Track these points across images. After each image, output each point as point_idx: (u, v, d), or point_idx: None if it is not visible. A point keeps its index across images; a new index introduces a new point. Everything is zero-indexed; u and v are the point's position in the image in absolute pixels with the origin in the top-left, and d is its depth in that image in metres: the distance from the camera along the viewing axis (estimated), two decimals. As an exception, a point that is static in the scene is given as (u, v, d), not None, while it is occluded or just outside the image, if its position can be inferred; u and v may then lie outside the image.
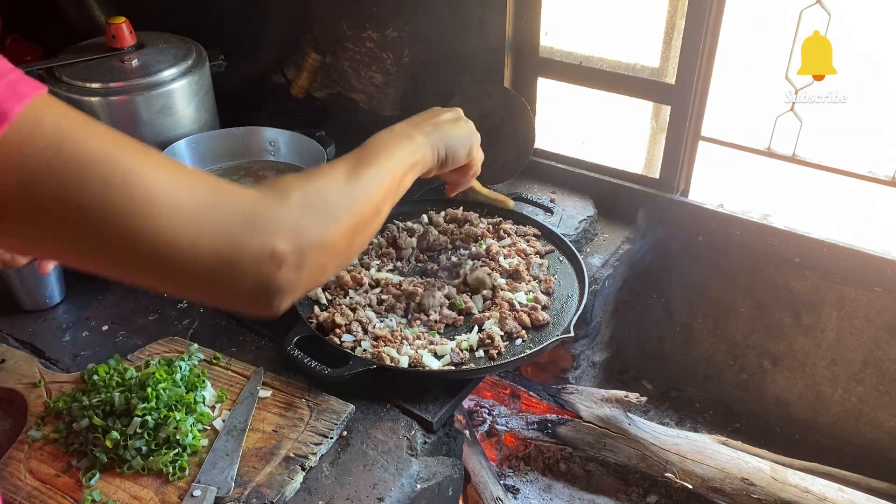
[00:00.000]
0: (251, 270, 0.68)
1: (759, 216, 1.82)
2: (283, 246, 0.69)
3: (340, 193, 0.83)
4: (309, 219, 0.74)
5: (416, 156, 1.04)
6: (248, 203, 0.70)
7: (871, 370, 1.85)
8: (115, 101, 1.68)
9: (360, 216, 0.83)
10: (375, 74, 2.23)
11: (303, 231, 0.73)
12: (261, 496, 1.12)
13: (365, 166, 0.89)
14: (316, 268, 0.75)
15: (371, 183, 0.88)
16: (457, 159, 1.15)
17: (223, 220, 0.67)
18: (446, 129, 1.14)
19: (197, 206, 0.65)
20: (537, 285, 1.54)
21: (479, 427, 2.00)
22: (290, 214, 0.72)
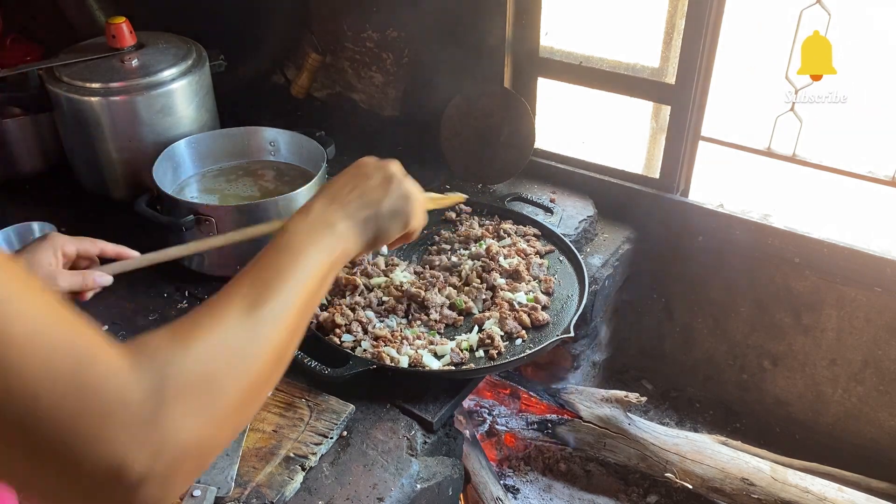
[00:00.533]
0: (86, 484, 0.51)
1: (759, 216, 1.82)
2: (142, 461, 0.52)
3: (235, 352, 0.63)
4: (187, 410, 0.56)
5: (338, 251, 0.83)
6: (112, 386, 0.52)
7: (871, 370, 1.85)
8: (115, 101, 1.68)
9: (257, 374, 0.65)
10: (375, 74, 2.23)
11: (174, 433, 0.55)
12: (261, 496, 1.12)
13: (269, 295, 0.70)
14: (188, 471, 0.57)
15: (280, 313, 0.69)
16: (388, 237, 0.93)
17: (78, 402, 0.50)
18: (375, 202, 0.91)
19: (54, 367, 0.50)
20: (537, 285, 1.54)
21: (479, 427, 2.00)
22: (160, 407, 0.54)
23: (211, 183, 1.78)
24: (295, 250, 0.77)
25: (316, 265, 0.78)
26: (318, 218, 0.84)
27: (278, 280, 0.73)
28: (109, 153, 1.74)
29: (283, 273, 0.74)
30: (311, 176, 1.64)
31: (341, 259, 0.84)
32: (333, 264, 0.81)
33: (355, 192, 0.90)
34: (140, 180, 1.69)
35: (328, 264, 0.80)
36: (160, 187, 1.58)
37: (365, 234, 0.89)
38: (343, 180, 0.92)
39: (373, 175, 0.94)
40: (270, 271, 0.74)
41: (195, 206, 1.54)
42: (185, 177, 1.78)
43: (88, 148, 1.75)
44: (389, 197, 0.93)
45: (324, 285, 0.79)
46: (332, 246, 0.82)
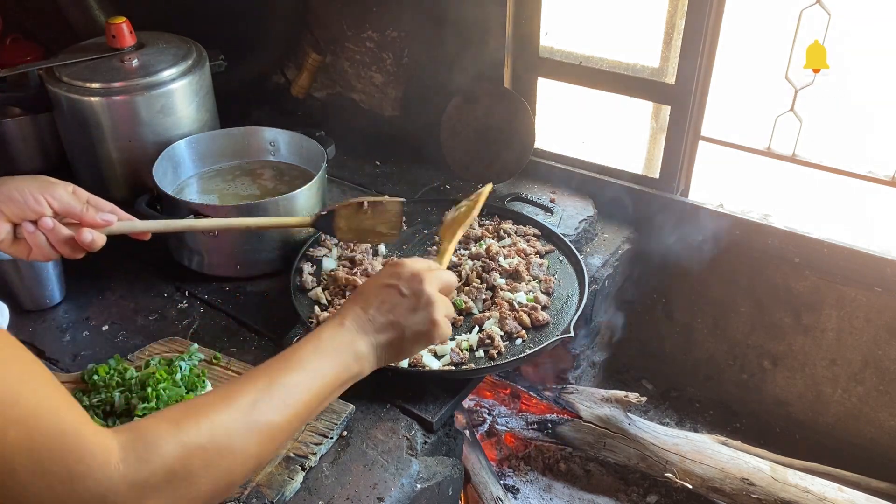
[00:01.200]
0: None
1: (759, 216, 1.82)
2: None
3: (239, 430, 0.70)
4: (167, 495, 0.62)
5: (353, 371, 0.90)
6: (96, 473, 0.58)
7: (871, 370, 1.85)
8: (115, 101, 1.68)
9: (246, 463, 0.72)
10: (375, 74, 2.23)
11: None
12: (261, 496, 1.12)
13: (281, 389, 0.77)
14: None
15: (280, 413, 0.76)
16: (403, 356, 0.98)
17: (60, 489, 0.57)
18: (402, 326, 0.95)
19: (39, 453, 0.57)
20: (537, 285, 1.54)
21: (479, 427, 2.00)
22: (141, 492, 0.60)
23: (211, 183, 1.78)
24: (315, 362, 0.86)
25: (327, 380, 0.86)
26: (346, 338, 0.91)
27: (288, 389, 0.80)
28: (109, 153, 1.74)
29: (296, 380, 0.82)
30: (311, 176, 1.64)
31: (353, 379, 0.92)
32: (344, 382, 0.90)
33: (385, 309, 0.95)
34: (140, 180, 1.69)
35: (339, 382, 0.89)
36: (160, 187, 1.58)
37: (383, 357, 0.95)
38: (377, 290, 0.97)
39: (407, 293, 0.96)
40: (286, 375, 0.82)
41: (195, 206, 1.54)
42: (185, 177, 1.79)
43: (88, 148, 1.75)
44: (417, 322, 0.96)
45: (329, 398, 0.87)
46: (347, 367, 0.90)
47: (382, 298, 0.95)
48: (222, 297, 1.59)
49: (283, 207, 1.57)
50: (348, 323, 0.92)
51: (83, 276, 1.66)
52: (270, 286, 1.61)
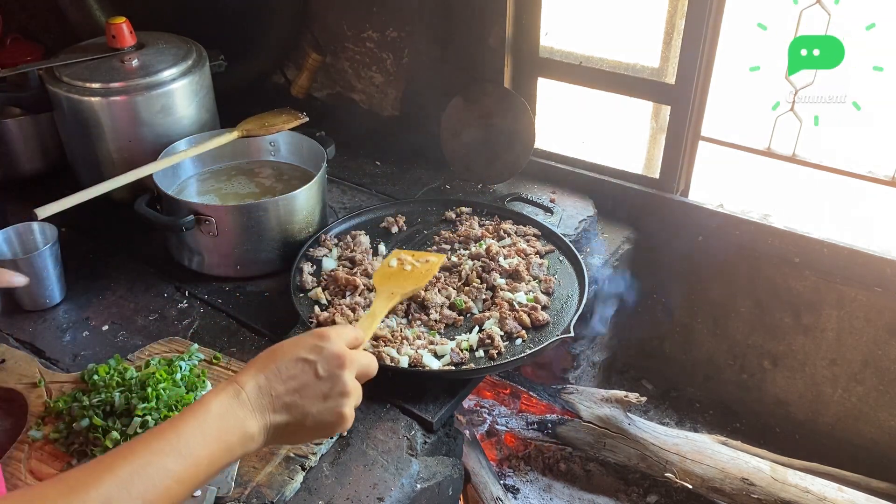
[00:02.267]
0: None
1: (759, 216, 1.82)
2: None
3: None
4: None
5: (235, 453, 0.80)
6: None
7: (871, 370, 1.85)
8: (115, 101, 1.68)
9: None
10: (375, 74, 2.23)
11: None
12: (261, 496, 1.12)
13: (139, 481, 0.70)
14: None
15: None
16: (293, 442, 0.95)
17: None
18: (305, 413, 0.85)
19: None
20: (537, 285, 1.54)
21: (479, 427, 2.00)
22: None
23: (211, 183, 1.78)
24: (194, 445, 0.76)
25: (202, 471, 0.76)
26: (239, 414, 0.81)
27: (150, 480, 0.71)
28: (109, 153, 1.74)
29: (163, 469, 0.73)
30: (311, 176, 1.64)
31: (234, 459, 0.81)
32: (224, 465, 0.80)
33: (292, 387, 0.84)
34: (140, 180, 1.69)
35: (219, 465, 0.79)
36: (160, 187, 1.58)
37: (272, 439, 0.85)
38: (291, 363, 0.86)
39: (323, 376, 0.86)
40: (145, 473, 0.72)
41: (195, 206, 1.54)
42: (185, 177, 1.79)
43: (88, 148, 1.75)
44: (324, 411, 0.86)
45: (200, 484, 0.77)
46: (232, 448, 0.80)
47: (293, 374, 0.85)
48: (222, 297, 1.59)
49: (283, 207, 1.57)
50: (245, 395, 0.82)
51: (83, 276, 1.66)
52: (270, 286, 1.61)
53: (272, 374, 0.84)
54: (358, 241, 1.66)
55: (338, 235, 1.70)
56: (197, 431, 0.77)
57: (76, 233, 1.81)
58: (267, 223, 1.57)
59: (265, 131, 1.72)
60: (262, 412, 0.82)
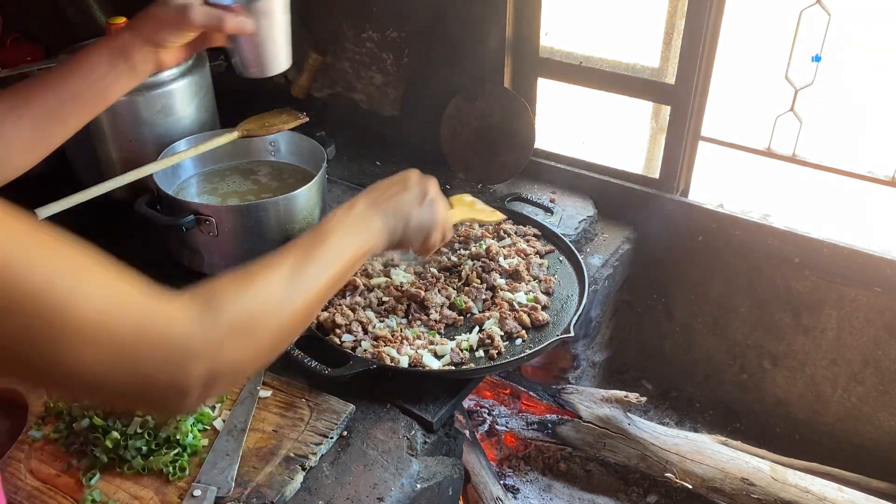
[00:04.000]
0: (159, 399, 0.70)
1: (759, 216, 1.82)
2: (198, 372, 0.69)
3: (280, 293, 0.81)
4: (236, 344, 0.73)
5: (370, 244, 1.01)
6: (174, 337, 0.68)
7: (871, 370, 1.85)
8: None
9: (294, 321, 0.83)
10: (375, 74, 2.23)
11: (226, 359, 0.72)
12: (261, 496, 1.12)
13: (312, 261, 0.88)
14: (228, 384, 0.78)
15: (315, 279, 0.87)
16: (410, 244, 1.11)
17: (143, 357, 0.66)
18: (407, 213, 1.08)
19: (121, 339, 0.64)
20: (537, 285, 1.54)
21: (479, 427, 2.00)
22: (216, 344, 0.71)
23: (211, 183, 1.78)
24: (338, 235, 0.95)
25: (350, 251, 0.95)
26: (361, 214, 1.02)
27: (322, 254, 0.90)
28: (109, 153, 1.74)
29: (327, 251, 0.91)
30: (311, 176, 1.64)
31: (369, 251, 1.01)
32: (364, 254, 1.00)
33: (392, 201, 1.07)
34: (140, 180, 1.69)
35: (360, 254, 0.98)
36: (160, 187, 1.58)
37: (391, 238, 1.05)
38: (386, 185, 1.10)
39: (411, 189, 1.10)
40: (318, 245, 0.91)
41: (195, 206, 1.54)
42: (186, 177, 1.79)
43: (88, 148, 1.75)
44: (420, 213, 1.09)
45: (352, 268, 0.97)
46: (367, 238, 1.00)
47: (391, 193, 1.08)
48: (222, 297, 1.58)
49: (283, 207, 1.57)
50: (360, 205, 1.03)
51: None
52: (270, 286, 1.61)
53: (374, 193, 1.07)
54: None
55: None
56: (338, 227, 0.97)
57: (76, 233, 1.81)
58: (267, 223, 1.57)
59: (265, 131, 1.72)
60: (376, 213, 1.03)
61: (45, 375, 0.64)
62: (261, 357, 0.78)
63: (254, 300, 0.77)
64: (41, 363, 0.61)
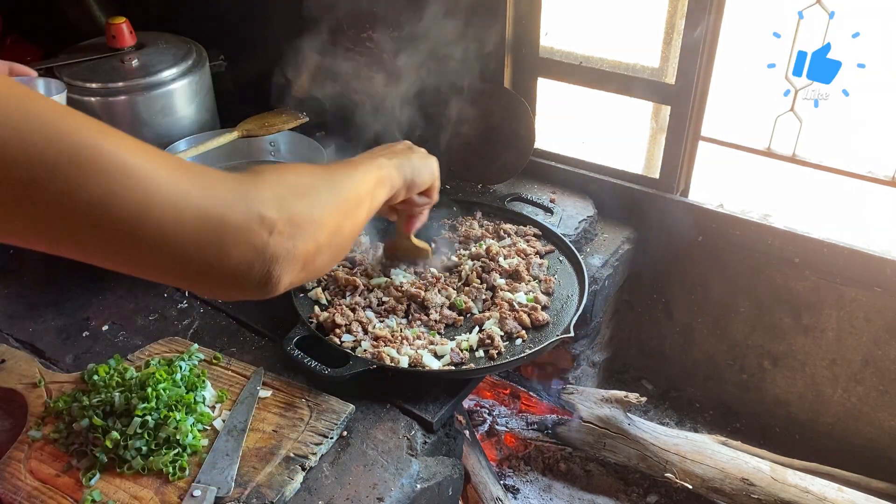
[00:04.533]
0: (243, 237, 0.70)
1: (759, 216, 1.82)
2: (271, 213, 0.72)
3: (316, 178, 0.87)
4: (292, 194, 0.78)
5: (383, 172, 1.09)
6: (233, 179, 0.72)
7: (871, 370, 1.85)
8: (115, 101, 1.68)
9: (339, 201, 0.88)
10: (375, 74, 2.23)
11: (288, 202, 0.76)
12: (261, 496, 1.12)
13: (338, 168, 0.96)
14: (308, 240, 0.77)
15: (345, 181, 0.93)
16: (422, 180, 1.19)
17: (210, 192, 0.68)
18: (406, 156, 1.18)
19: (183, 179, 0.67)
20: (537, 285, 1.54)
21: (479, 427, 2.00)
22: (274, 188, 0.75)
23: (211, 183, 1.78)
24: (350, 163, 1.05)
25: (368, 173, 1.03)
26: (362, 159, 1.10)
27: (344, 167, 0.99)
28: (109, 153, 1.74)
29: (348, 166, 1.01)
30: (311, 176, 1.64)
31: (387, 180, 1.09)
32: (381, 179, 1.07)
33: (388, 151, 1.17)
34: (140, 180, 1.70)
35: (377, 177, 1.05)
36: (160, 187, 1.57)
37: (401, 172, 1.13)
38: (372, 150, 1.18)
39: (397, 145, 1.22)
40: (337, 164, 1.02)
41: (195, 206, 1.54)
42: (185, 177, 1.78)
43: (88, 148, 1.75)
44: (415, 154, 1.20)
45: (376, 192, 1.04)
46: (378, 168, 1.07)
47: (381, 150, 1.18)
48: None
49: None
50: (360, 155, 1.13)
51: (83, 276, 1.66)
52: (270, 286, 1.61)
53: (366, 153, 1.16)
54: (358, 241, 1.66)
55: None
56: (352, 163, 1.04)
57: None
58: (267, 223, 1.57)
59: (265, 131, 1.72)
60: (379, 157, 1.12)
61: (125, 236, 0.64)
62: (324, 212, 0.82)
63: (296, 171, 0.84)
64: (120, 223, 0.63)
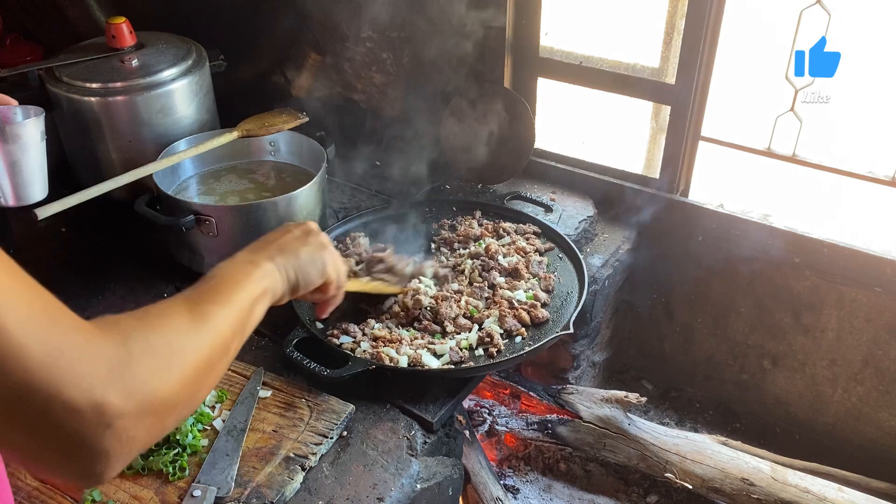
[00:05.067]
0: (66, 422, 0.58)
1: (759, 216, 1.82)
2: (115, 399, 0.60)
3: (184, 336, 0.74)
4: (148, 367, 0.66)
5: (265, 282, 0.93)
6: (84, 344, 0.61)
7: (871, 370, 1.85)
8: (114, 101, 1.68)
9: (206, 360, 0.75)
10: (375, 74, 2.23)
11: (140, 382, 0.64)
12: (261, 496, 1.12)
13: (208, 303, 0.81)
14: (152, 426, 0.66)
15: (217, 321, 0.80)
16: (309, 281, 1.03)
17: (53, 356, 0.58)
18: (293, 250, 1.01)
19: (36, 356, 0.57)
20: (537, 283, 1.54)
21: (479, 427, 1.99)
22: (126, 361, 0.63)
23: (211, 183, 1.78)
24: (227, 278, 0.88)
25: (247, 291, 0.88)
26: (244, 260, 0.94)
27: (217, 295, 0.83)
28: (109, 153, 1.74)
29: (221, 292, 0.84)
30: (311, 176, 1.64)
31: (269, 292, 0.93)
32: (262, 294, 0.91)
33: (275, 244, 1.00)
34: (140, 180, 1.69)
35: (257, 293, 0.89)
36: (160, 187, 1.58)
37: (285, 276, 0.97)
38: (265, 237, 1.02)
39: (292, 231, 1.04)
40: (210, 290, 0.84)
41: (195, 206, 1.54)
42: (185, 177, 1.79)
43: (88, 148, 1.75)
44: (307, 246, 1.02)
45: (254, 311, 0.88)
46: (260, 277, 0.92)
47: (271, 239, 1.01)
48: (222, 297, 1.58)
49: (282, 207, 1.57)
50: (241, 255, 0.96)
51: (83, 275, 1.66)
52: (270, 286, 1.61)
53: (253, 245, 0.99)
54: (357, 242, 1.65)
55: (337, 238, 1.70)
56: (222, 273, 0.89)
57: (76, 233, 1.81)
58: (267, 223, 1.57)
59: (265, 131, 1.72)
60: (262, 258, 0.95)
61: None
62: (184, 384, 0.70)
63: (158, 331, 0.71)
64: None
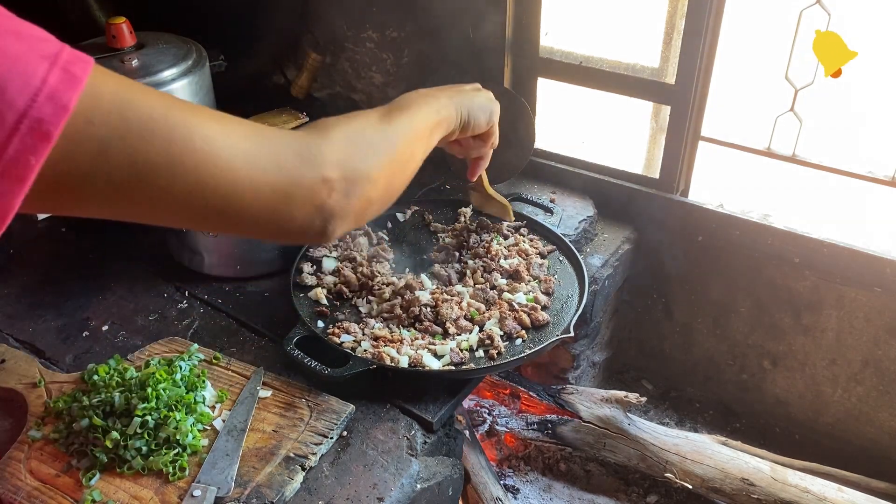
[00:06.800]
0: (307, 199, 0.77)
1: (759, 216, 1.82)
2: (332, 173, 0.78)
3: (376, 132, 0.91)
4: (352, 151, 0.83)
5: (442, 113, 1.09)
6: (297, 140, 0.78)
7: (871, 370, 1.85)
8: (115, 101, 1.68)
9: (395, 154, 0.92)
10: (375, 74, 2.23)
11: (348, 161, 0.81)
12: (261, 496, 1.12)
13: (396, 114, 0.97)
14: (362, 197, 0.83)
15: (402, 128, 0.96)
16: (478, 124, 1.19)
17: (277, 157, 0.74)
18: (469, 95, 1.18)
19: (252, 147, 0.71)
20: (537, 285, 1.54)
21: (479, 427, 2.00)
22: (335, 148, 0.81)
23: (211, 183, 1.78)
24: (411, 101, 1.04)
25: (427, 114, 1.05)
26: (426, 93, 1.10)
27: (403, 110, 1.00)
28: (109, 153, 1.74)
29: (406, 109, 1.01)
30: (311, 176, 1.64)
31: (445, 122, 1.10)
32: (439, 122, 1.08)
33: (454, 88, 1.17)
34: (140, 180, 1.70)
35: (435, 120, 1.07)
36: (160, 187, 1.57)
37: (459, 114, 1.14)
38: (443, 87, 1.17)
39: (466, 85, 1.21)
40: (396, 106, 1.01)
41: (195, 206, 1.53)
42: (185, 177, 1.78)
43: (88, 148, 1.74)
44: (479, 97, 1.19)
45: (433, 134, 1.06)
46: (438, 108, 1.08)
47: (446, 88, 1.17)
48: (222, 297, 1.59)
49: (283, 207, 1.57)
50: (423, 90, 1.11)
51: (83, 276, 1.66)
52: (270, 286, 1.61)
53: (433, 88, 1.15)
54: (357, 242, 1.65)
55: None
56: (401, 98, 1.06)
57: (76, 233, 1.81)
58: (267, 223, 1.57)
59: None
60: (440, 95, 1.12)
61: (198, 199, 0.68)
62: (380, 168, 0.87)
63: (354, 126, 0.88)
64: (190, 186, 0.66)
